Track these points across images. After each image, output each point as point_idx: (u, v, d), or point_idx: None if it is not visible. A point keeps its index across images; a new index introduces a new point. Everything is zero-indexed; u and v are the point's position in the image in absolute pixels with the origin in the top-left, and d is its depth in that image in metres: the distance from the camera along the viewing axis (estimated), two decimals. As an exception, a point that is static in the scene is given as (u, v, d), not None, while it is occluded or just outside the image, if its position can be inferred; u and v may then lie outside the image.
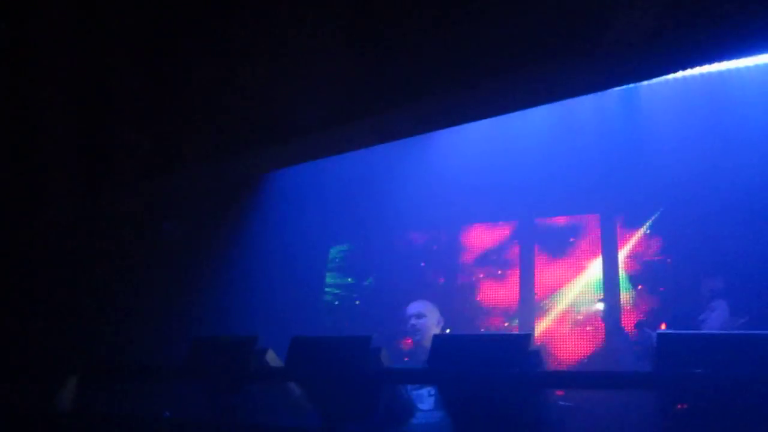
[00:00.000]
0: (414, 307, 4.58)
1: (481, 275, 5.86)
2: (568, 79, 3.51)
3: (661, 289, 4.86)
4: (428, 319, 4.48)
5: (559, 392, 4.27)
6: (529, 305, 5.50)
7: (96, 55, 4.91)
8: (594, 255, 5.39)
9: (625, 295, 5.04)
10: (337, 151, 4.40)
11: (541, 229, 5.80)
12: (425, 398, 3.88)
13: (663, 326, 3.95)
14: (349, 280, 5.70)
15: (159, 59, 4.73)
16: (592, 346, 4.91)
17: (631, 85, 4.64)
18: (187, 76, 4.64)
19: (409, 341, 4.72)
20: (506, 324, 5.45)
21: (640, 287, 5.00)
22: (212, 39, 4.52)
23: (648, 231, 5.19)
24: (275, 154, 4.59)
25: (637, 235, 5.26)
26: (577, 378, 2.58)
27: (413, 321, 4.48)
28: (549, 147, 5.27)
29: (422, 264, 5.95)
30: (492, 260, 5.87)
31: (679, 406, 2.46)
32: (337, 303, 5.33)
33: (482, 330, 5.37)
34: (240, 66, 4.43)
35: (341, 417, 3.16)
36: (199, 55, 4.59)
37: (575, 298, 5.28)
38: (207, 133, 4.61)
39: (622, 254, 5.23)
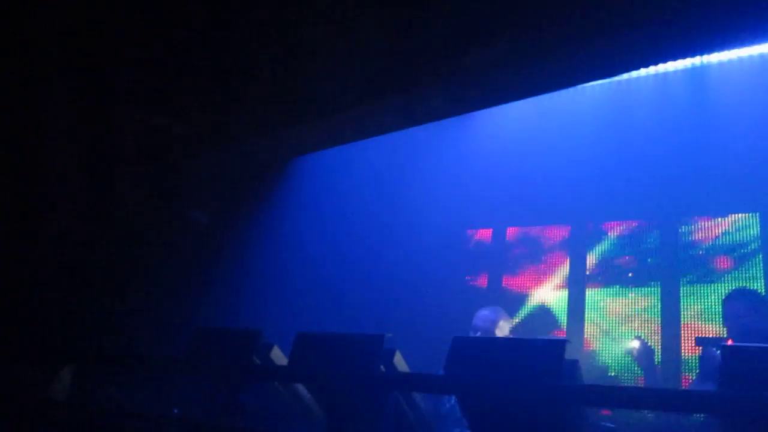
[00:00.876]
0: (483, 320, 4.00)
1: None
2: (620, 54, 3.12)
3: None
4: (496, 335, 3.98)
5: (605, 411, 3.81)
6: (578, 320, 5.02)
7: (116, 34, 4.73)
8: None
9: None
10: (364, 135, 4.07)
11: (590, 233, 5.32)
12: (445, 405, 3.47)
13: (730, 342, 3.44)
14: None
15: (182, 40, 4.51)
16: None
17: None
18: (210, 56, 4.40)
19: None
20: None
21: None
22: (235, 18, 4.27)
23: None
24: (301, 136, 4.30)
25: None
26: (620, 395, 2.13)
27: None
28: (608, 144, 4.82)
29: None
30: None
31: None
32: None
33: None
34: (263, 46, 4.17)
35: (346, 422, 2.79)
36: (222, 35, 4.36)
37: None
38: (232, 114, 4.38)
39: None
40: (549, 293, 5.30)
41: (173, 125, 4.61)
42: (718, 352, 3.28)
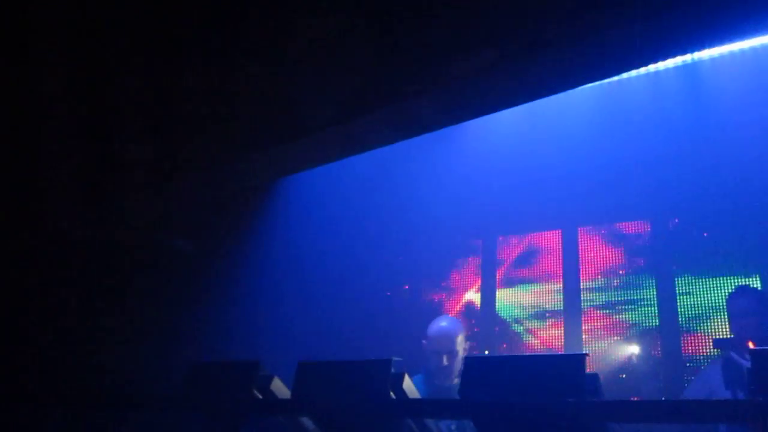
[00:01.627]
0: (445, 342, 3.83)
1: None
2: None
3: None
4: (459, 357, 3.86)
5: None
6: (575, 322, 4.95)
7: (97, 60, 4.59)
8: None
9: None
10: (353, 151, 3.93)
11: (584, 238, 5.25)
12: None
13: (750, 345, 3.37)
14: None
15: (162, 59, 4.38)
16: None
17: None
18: (191, 76, 4.27)
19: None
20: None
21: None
22: (217, 36, 4.15)
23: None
24: (287, 156, 4.15)
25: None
26: (648, 409, 2.02)
27: (445, 361, 3.78)
28: (593, 149, 4.76)
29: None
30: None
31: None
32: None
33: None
34: (246, 63, 4.04)
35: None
36: (204, 53, 4.23)
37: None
38: (214, 135, 4.22)
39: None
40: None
41: (130, 155, 4.43)
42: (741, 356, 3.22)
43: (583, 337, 4.94)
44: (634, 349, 3.86)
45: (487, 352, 5.31)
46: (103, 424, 3.10)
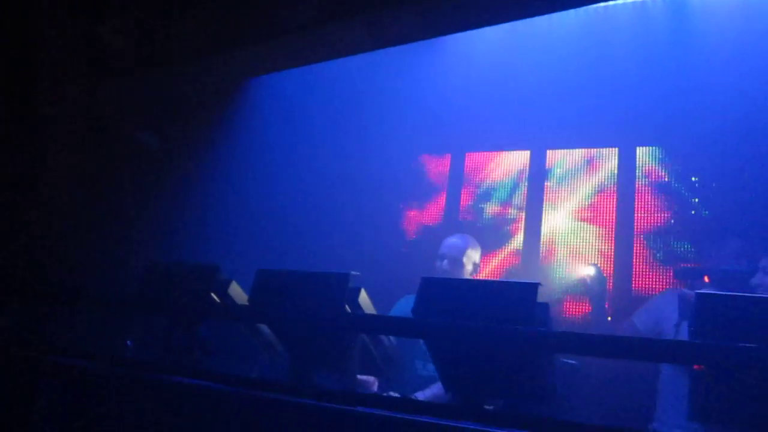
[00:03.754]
0: (451, 248, 3.81)
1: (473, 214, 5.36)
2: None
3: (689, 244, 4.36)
4: (465, 269, 3.84)
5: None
6: (534, 250, 5.02)
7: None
8: (609, 196, 4.87)
9: (641, 250, 4.55)
10: (329, 55, 3.81)
11: (552, 162, 5.25)
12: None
13: (706, 279, 3.44)
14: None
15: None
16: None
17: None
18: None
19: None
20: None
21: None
22: None
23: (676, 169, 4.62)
24: (261, 55, 4.01)
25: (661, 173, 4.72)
26: (591, 343, 2.09)
27: (445, 265, 3.81)
28: (566, 69, 4.66)
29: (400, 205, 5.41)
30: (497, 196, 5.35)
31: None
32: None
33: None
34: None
35: (311, 364, 2.71)
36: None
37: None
38: (189, 29, 4.04)
39: (643, 198, 4.69)
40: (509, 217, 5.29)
41: (112, 39, 4.25)
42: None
43: (541, 255, 5.04)
44: (589, 271, 3.93)
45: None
46: (59, 322, 3.11)
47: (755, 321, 1.96)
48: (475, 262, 3.88)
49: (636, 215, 4.77)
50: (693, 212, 4.51)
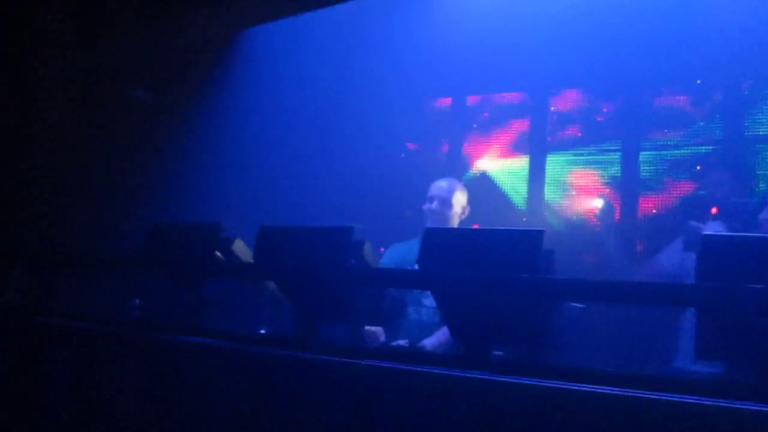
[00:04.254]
0: (440, 188, 3.78)
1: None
2: None
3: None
4: (453, 210, 3.84)
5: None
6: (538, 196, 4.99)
7: None
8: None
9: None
10: (318, 3, 3.70)
11: (553, 104, 5.17)
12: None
13: (714, 210, 3.39)
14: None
15: None
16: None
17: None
18: None
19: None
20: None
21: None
22: None
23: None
24: (254, 4, 3.92)
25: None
26: (597, 289, 2.09)
27: (435, 206, 3.81)
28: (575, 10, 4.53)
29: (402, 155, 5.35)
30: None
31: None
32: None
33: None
34: None
35: (316, 317, 2.72)
36: None
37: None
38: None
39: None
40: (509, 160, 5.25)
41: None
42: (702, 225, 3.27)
43: (546, 188, 5.02)
44: (597, 203, 3.91)
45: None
46: (65, 284, 3.12)
47: (761, 261, 1.95)
48: (463, 204, 3.87)
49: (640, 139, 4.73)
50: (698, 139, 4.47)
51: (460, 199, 3.84)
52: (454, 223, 3.77)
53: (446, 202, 3.74)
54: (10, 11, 4.13)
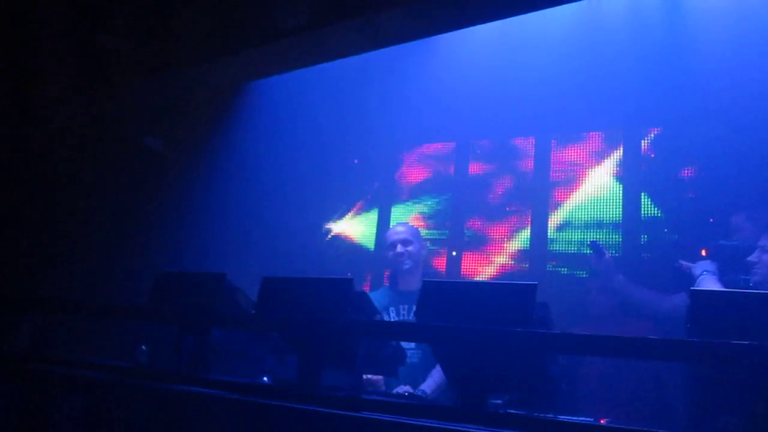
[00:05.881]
0: (397, 233, 4.02)
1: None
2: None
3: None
4: (415, 246, 4.01)
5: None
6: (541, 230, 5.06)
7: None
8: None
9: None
10: (325, 58, 3.84)
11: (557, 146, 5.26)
12: None
13: (703, 252, 3.46)
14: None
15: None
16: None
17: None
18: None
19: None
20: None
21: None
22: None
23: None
24: (258, 59, 4.06)
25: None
26: (592, 343, 2.14)
27: (400, 248, 4.00)
28: (564, 57, 4.66)
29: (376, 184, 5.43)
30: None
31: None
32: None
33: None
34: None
35: (319, 366, 2.78)
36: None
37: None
38: (187, 35, 4.08)
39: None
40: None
41: (113, 43, 4.30)
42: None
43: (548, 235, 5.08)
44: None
45: (454, 253, 5.45)
46: (74, 331, 3.19)
47: (748, 316, 2.00)
48: (422, 241, 4.05)
49: (642, 200, 4.79)
50: (692, 195, 4.53)
51: (418, 236, 4.04)
52: (420, 259, 3.93)
53: (407, 242, 3.94)
54: (19, 59, 4.28)
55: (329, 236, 4.97)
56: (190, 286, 3.12)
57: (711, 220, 4.21)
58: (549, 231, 5.09)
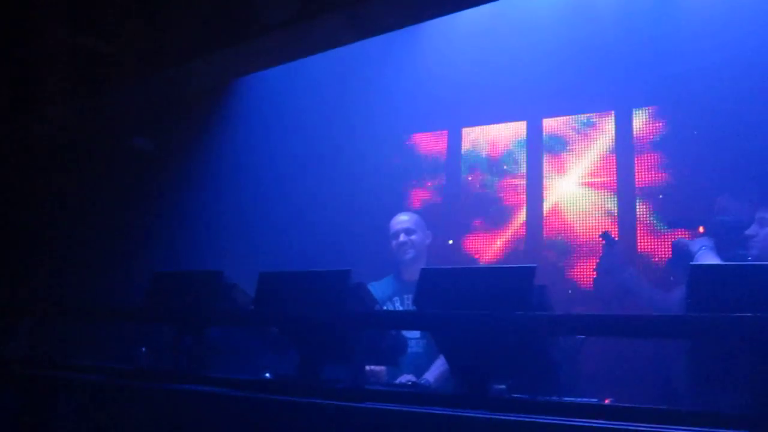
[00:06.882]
0: (401, 222, 4.04)
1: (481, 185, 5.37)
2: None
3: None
4: (419, 235, 4.01)
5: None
6: (537, 216, 5.04)
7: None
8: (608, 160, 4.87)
9: (641, 207, 4.58)
10: (313, 50, 3.81)
11: (549, 130, 5.23)
12: None
13: (701, 230, 3.45)
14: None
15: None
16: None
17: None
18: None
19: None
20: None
21: (660, 196, 4.51)
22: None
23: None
24: (246, 54, 4.02)
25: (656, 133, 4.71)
26: (590, 323, 2.13)
27: (403, 238, 4.00)
28: (555, 37, 4.63)
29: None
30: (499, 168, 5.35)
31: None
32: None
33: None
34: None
35: (319, 359, 2.76)
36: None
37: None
38: (174, 33, 4.05)
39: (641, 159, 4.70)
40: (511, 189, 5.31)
41: (100, 46, 4.27)
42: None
43: (544, 225, 5.06)
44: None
45: (450, 242, 5.43)
46: (72, 335, 3.17)
47: (748, 288, 1.99)
48: (426, 230, 4.04)
49: (636, 176, 4.77)
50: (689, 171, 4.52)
51: (421, 225, 4.02)
52: (424, 248, 3.91)
53: (410, 231, 3.93)
54: (9, 63, 4.24)
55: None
56: (186, 285, 3.10)
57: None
58: (543, 217, 5.07)
